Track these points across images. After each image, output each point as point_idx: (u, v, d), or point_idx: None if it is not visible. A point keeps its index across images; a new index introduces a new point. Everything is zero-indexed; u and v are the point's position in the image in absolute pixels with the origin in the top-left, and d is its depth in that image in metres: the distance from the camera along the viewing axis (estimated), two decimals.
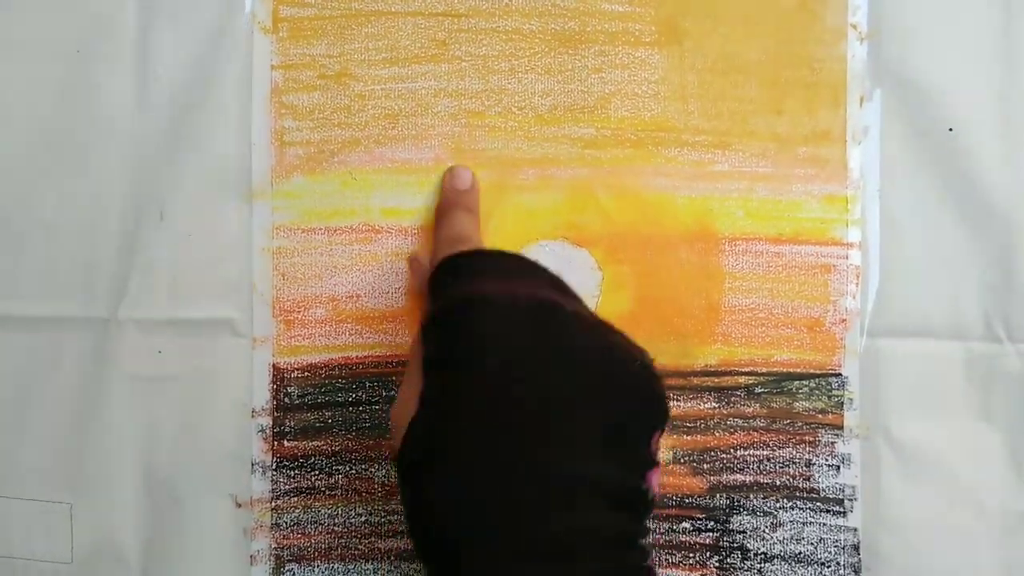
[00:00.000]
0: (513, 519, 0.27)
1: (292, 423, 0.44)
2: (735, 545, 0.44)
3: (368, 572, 0.44)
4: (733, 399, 0.44)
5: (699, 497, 0.44)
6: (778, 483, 0.44)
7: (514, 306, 0.30)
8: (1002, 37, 0.43)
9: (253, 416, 0.44)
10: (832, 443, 0.44)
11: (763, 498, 0.44)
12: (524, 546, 0.27)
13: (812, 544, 0.44)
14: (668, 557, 0.44)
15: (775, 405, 0.44)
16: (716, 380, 0.44)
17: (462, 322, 0.30)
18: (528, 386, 0.29)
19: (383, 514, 0.44)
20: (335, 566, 0.44)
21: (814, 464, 0.44)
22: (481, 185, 0.44)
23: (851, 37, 0.44)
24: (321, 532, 0.44)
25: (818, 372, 0.44)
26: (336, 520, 0.44)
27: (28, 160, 0.44)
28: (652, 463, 0.31)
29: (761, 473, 0.44)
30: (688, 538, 0.44)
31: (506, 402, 0.28)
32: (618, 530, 0.28)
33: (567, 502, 0.27)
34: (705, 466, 0.44)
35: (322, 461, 0.44)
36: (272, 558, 0.43)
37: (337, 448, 0.44)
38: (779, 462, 0.44)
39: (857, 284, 0.44)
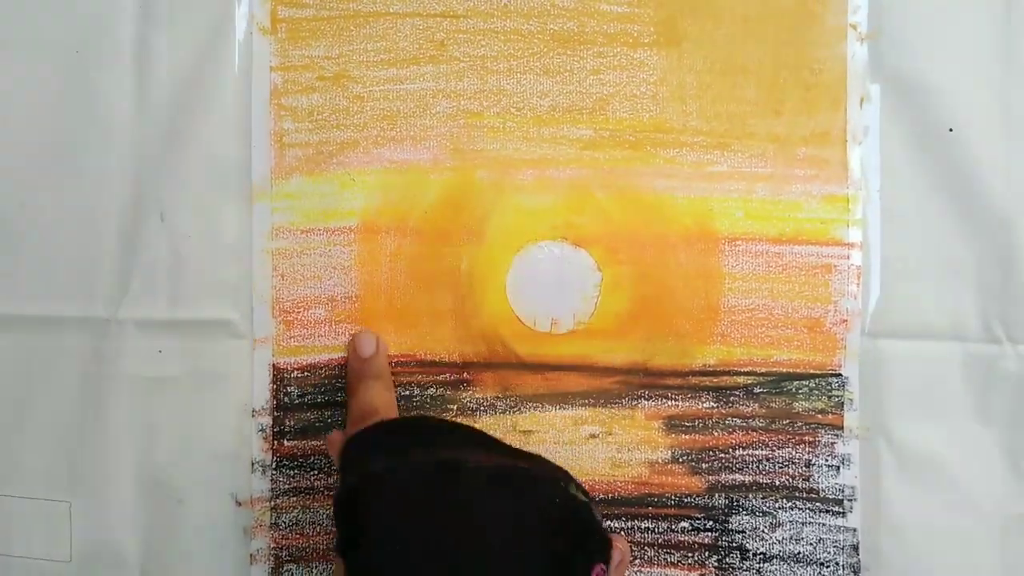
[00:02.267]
0: None
1: (292, 423, 0.44)
2: (734, 545, 0.44)
3: None
4: (732, 399, 0.44)
5: (698, 497, 0.44)
6: (777, 483, 0.44)
7: (407, 481, 0.30)
8: (1002, 37, 0.43)
9: (253, 416, 0.44)
10: (832, 443, 0.44)
11: (762, 498, 0.44)
12: None
13: (811, 544, 0.43)
14: (667, 557, 0.44)
15: (774, 405, 0.44)
16: (715, 380, 0.44)
17: (357, 507, 0.30)
18: (433, 559, 0.28)
19: None
20: (334, 566, 0.44)
21: (813, 464, 0.44)
22: (481, 185, 0.44)
23: (851, 37, 0.44)
24: (320, 532, 0.44)
25: (818, 372, 0.44)
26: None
27: (28, 161, 0.44)
28: None
29: (760, 473, 0.44)
30: (687, 538, 0.44)
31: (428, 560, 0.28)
32: None
33: None
34: (704, 466, 0.44)
35: (322, 461, 0.44)
36: (271, 557, 0.44)
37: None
38: (778, 462, 0.44)
39: (857, 284, 0.44)
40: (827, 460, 0.44)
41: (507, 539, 0.29)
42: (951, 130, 0.43)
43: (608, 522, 0.44)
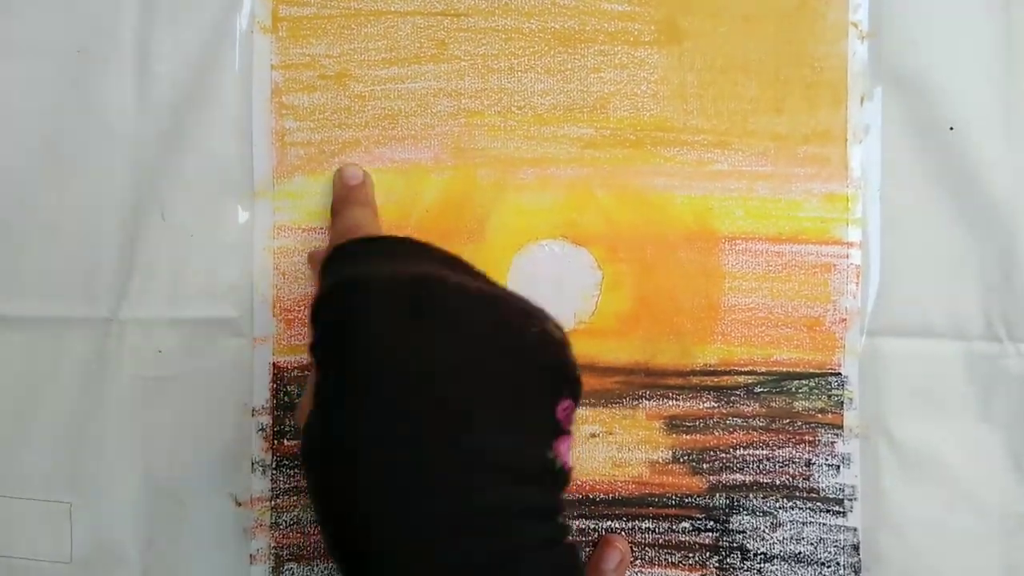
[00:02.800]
0: (413, 501, 0.26)
1: (292, 422, 0.44)
2: (735, 545, 0.44)
3: None
4: (732, 398, 0.44)
5: (698, 497, 0.44)
6: (778, 483, 0.44)
7: (392, 284, 0.29)
8: (1002, 36, 0.43)
9: (253, 415, 0.44)
10: (832, 443, 0.44)
11: (763, 498, 0.44)
12: (425, 526, 0.26)
13: (812, 544, 0.43)
14: (667, 557, 0.44)
15: (775, 404, 0.44)
16: (715, 379, 0.44)
17: (339, 307, 0.29)
18: (412, 363, 0.28)
19: None
20: (334, 565, 0.44)
21: (814, 464, 0.44)
22: (481, 184, 0.44)
23: (852, 36, 0.44)
24: (320, 531, 0.44)
25: (818, 371, 0.44)
26: None
27: (29, 161, 0.44)
28: (560, 432, 0.29)
29: (761, 473, 0.44)
30: (687, 538, 0.44)
31: (391, 382, 0.28)
32: (525, 504, 0.28)
33: (466, 479, 0.27)
34: (704, 466, 0.44)
35: None
36: (272, 557, 0.44)
37: None
38: (779, 462, 0.44)
39: (857, 283, 0.44)
40: (827, 459, 0.44)
41: (485, 357, 0.28)
42: (951, 128, 0.43)
43: (608, 522, 0.44)
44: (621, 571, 0.42)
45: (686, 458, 0.44)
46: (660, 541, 0.44)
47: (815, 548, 0.43)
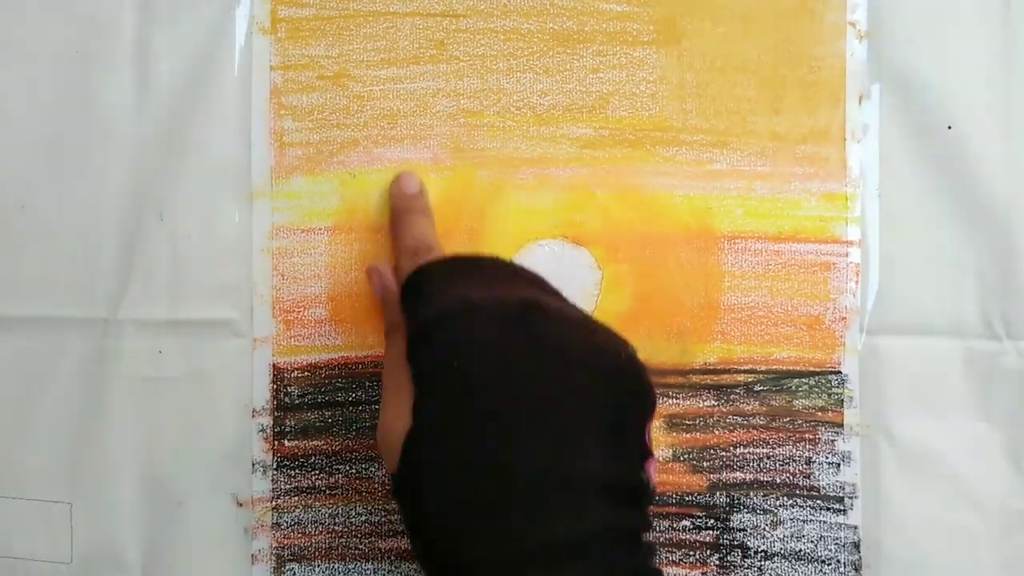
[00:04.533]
0: (520, 524, 0.27)
1: (292, 423, 0.44)
2: (735, 543, 0.44)
3: (368, 571, 0.44)
4: (732, 397, 0.44)
5: (699, 495, 0.44)
6: (778, 481, 0.44)
7: (501, 310, 0.30)
8: (1001, 35, 0.43)
9: (253, 416, 0.44)
10: (832, 441, 0.44)
11: (763, 496, 0.44)
12: (532, 550, 0.27)
13: (812, 542, 0.44)
14: (668, 555, 0.44)
15: (775, 403, 0.44)
16: (715, 378, 0.44)
17: (451, 332, 0.30)
18: (524, 390, 0.29)
19: (383, 513, 0.44)
20: (335, 565, 0.44)
21: (814, 462, 0.44)
22: (480, 185, 0.44)
23: (850, 35, 0.44)
24: (321, 531, 0.44)
25: (818, 370, 0.44)
26: (336, 519, 0.44)
27: (28, 162, 0.44)
28: (648, 454, 0.31)
29: (761, 471, 0.44)
30: (688, 536, 0.44)
31: (504, 408, 0.28)
32: (626, 527, 0.29)
33: (573, 502, 0.28)
34: (705, 464, 0.44)
35: (322, 461, 0.44)
36: (273, 557, 0.43)
37: (337, 448, 0.44)
38: (779, 460, 0.44)
39: (857, 282, 0.44)
40: (827, 457, 0.44)
41: (589, 383, 0.29)
42: (949, 127, 0.43)
43: None
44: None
45: (686, 456, 0.44)
46: (661, 539, 0.44)
47: (815, 546, 0.43)
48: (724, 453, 0.44)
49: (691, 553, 0.44)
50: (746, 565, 0.43)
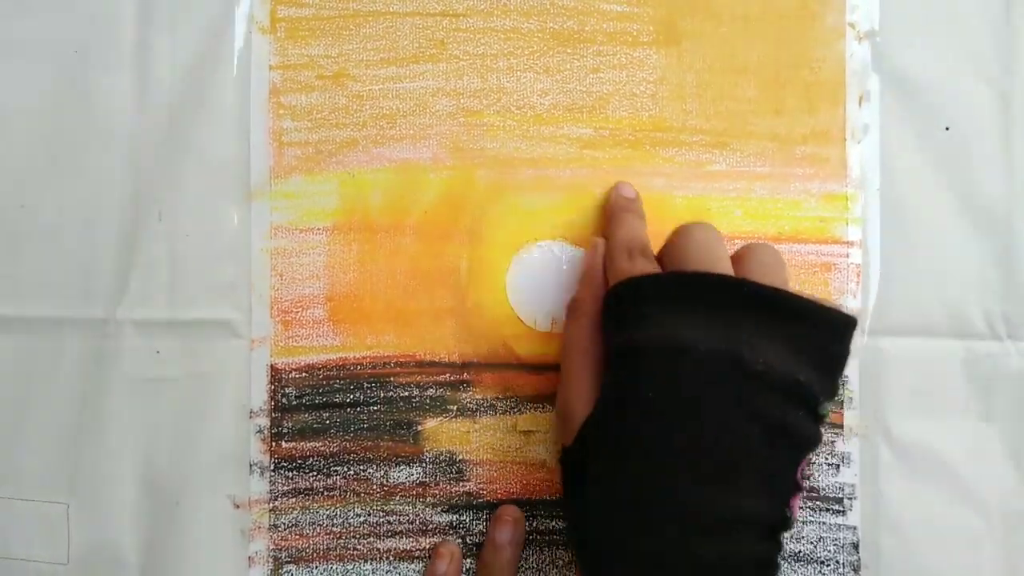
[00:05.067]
0: (668, 547, 0.30)
1: (290, 424, 0.44)
2: None
3: (367, 572, 0.44)
4: None
5: None
6: None
7: (707, 365, 0.31)
8: (1001, 35, 0.44)
9: (251, 417, 0.44)
10: (832, 442, 0.44)
11: None
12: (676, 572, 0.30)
13: (811, 543, 0.43)
14: None
15: None
16: None
17: (666, 372, 0.32)
18: (707, 433, 0.31)
19: (381, 514, 0.44)
20: (333, 567, 0.43)
21: (813, 463, 0.44)
22: (479, 185, 0.44)
23: (849, 36, 0.44)
24: (319, 533, 0.44)
25: None
26: (334, 521, 0.44)
27: (27, 161, 0.44)
28: (798, 489, 0.32)
29: None
30: None
31: (686, 440, 0.31)
32: (764, 558, 0.31)
33: (723, 531, 0.30)
34: None
35: (320, 462, 0.44)
36: (270, 559, 0.43)
37: (335, 449, 0.44)
38: None
39: (857, 283, 0.44)
40: (827, 459, 0.44)
41: (752, 433, 0.31)
42: (947, 128, 0.44)
43: None
44: (517, 540, 0.43)
45: None
46: None
47: (815, 547, 0.43)
48: None
49: None
50: None
